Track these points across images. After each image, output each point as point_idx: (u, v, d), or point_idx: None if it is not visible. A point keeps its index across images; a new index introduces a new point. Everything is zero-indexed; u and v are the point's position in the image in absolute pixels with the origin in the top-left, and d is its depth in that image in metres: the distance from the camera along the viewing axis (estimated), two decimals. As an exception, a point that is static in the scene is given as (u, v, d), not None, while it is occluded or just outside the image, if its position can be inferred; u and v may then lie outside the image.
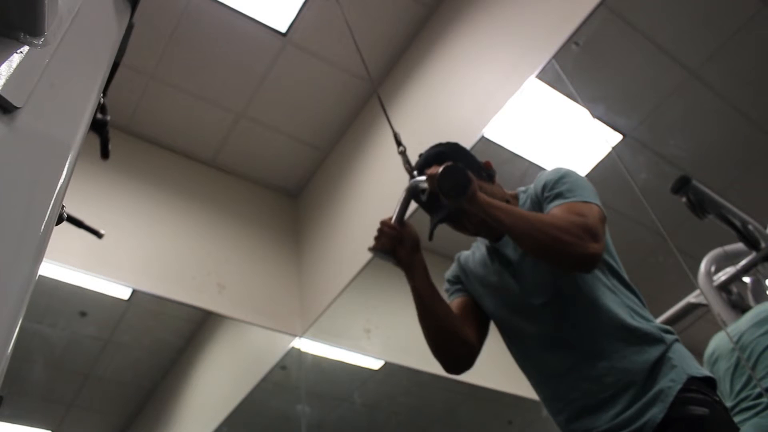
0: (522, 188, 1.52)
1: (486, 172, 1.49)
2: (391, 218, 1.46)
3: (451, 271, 1.61)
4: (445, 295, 1.53)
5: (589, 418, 1.30)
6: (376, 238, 1.44)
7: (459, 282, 1.57)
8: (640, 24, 2.72)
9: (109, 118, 0.86)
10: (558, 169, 1.44)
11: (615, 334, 1.30)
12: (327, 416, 3.90)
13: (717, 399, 1.25)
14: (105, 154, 0.89)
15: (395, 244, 1.43)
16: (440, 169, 1.29)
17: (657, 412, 1.21)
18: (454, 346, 1.43)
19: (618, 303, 1.33)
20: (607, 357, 1.28)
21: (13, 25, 0.56)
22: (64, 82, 0.60)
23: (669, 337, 1.31)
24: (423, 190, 1.37)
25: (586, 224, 1.25)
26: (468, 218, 1.42)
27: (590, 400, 1.30)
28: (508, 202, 1.46)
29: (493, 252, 1.48)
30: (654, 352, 1.27)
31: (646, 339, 1.29)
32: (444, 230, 1.46)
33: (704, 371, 1.29)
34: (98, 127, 0.85)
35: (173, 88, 3.58)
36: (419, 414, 4.04)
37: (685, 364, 1.27)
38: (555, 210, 1.33)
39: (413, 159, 1.52)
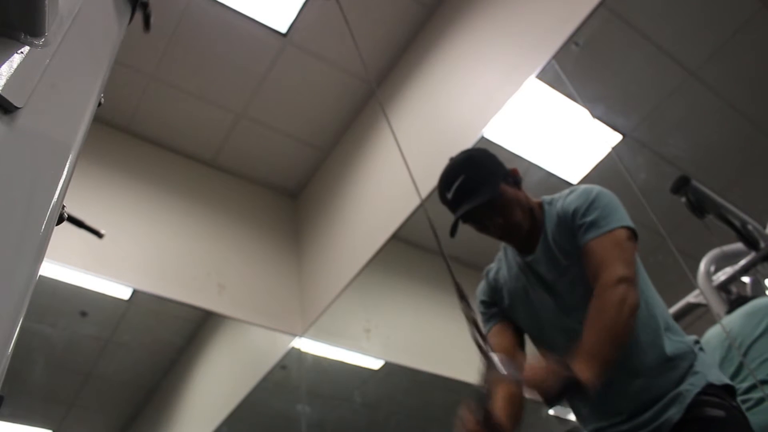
0: (546, 198, 1.52)
1: (513, 179, 1.49)
2: (472, 414, 1.16)
3: (482, 290, 1.58)
4: (479, 317, 1.49)
5: (618, 427, 1.34)
6: None
7: (494, 304, 1.54)
8: (640, 24, 2.71)
9: None
10: (586, 192, 1.43)
11: (651, 355, 1.32)
12: (327, 416, 3.90)
13: (735, 405, 1.29)
14: (147, 26, 0.83)
15: None
16: (547, 384, 1.12)
17: (674, 413, 1.26)
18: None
19: (651, 320, 1.35)
20: (642, 375, 1.32)
21: (13, 25, 0.56)
22: (65, 82, 0.61)
23: (696, 348, 1.37)
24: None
25: (625, 276, 1.26)
26: (492, 222, 1.42)
27: (623, 416, 1.33)
28: (531, 209, 1.47)
29: (526, 268, 1.47)
30: (685, 365, 1.32)
31: (680, 356, 1.33)
32: (466, 239, 1.42)
33: (724, 379, 1.34)
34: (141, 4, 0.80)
35: (174, 88, 3.58)
36: (419, 414, 4.03)
37: (706, 371, 1.32)
38: (593, 246, 1.33)
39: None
